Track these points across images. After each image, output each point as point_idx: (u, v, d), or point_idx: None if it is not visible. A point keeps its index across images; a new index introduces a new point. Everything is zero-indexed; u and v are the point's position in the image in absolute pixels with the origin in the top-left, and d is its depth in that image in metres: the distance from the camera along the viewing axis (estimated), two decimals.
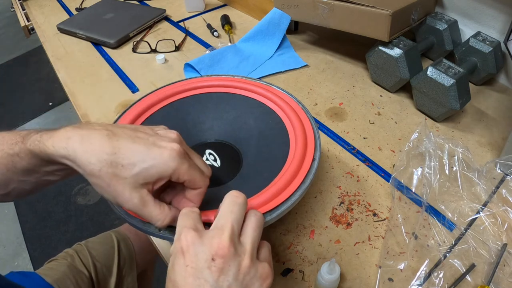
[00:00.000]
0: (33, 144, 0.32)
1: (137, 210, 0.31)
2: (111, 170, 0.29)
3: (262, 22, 0.78)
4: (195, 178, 0.33)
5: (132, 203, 0.30)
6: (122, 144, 0.30)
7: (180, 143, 0.33)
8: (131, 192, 0.30)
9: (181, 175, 0.31)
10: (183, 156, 0.32)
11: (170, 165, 0.31)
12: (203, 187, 0.34)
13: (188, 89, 0.55)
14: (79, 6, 1.08)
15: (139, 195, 0.30)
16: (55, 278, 0.60)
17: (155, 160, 0.30)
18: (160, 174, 0.31)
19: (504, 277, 0.40)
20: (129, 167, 0.30)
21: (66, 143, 0.30)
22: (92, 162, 0.29)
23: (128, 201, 0.30)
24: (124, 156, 0.30)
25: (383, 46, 0.65)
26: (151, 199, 0.31)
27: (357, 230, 0.46)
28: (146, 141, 0.31)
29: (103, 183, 0.30)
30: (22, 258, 1.37)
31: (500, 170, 0.52)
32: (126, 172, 0.30)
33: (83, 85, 0.75)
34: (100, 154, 0.29)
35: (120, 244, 0.72)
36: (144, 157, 0.30)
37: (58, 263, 0.64)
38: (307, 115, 0.49)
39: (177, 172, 0.31)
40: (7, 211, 1.55)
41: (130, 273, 0.71)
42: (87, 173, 0.30)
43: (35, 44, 2.59)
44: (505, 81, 0.70)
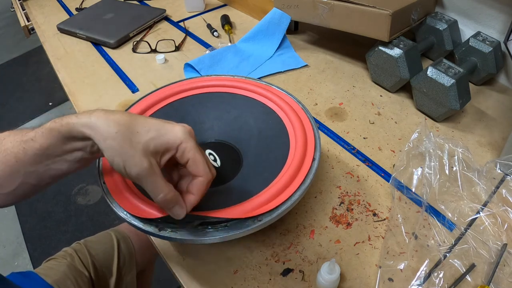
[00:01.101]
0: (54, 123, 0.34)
1: (144, 175, 0.32)
2: (127, 133, 0.32)
3: (262, 22, 0.78)
4: (199, 160, 0.34)
5: (142, 166, 0.32)
6: (139, 118, 0.34)
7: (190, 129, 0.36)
8: (141, 157, 0.32)
9: (186, 151, 0.34)
10: (192, 136, 0.35)
11: (178, 136, 0.34)
12: (204, 176, 0.35)
13: (188, 89, 0.55)
14: (79, 6, 1.08)
15: (149, 161, 0.32)
16: (55, 278, 0.60)
17: (166, 131, 0.34)
18: (168, 144, 0.33)
19: (504, 277, 0.40)
20: (143, 134, 0.33)
21: (90, 114, 0.33)
22: (111, 126, 0.32)
23: (137, 164, 0.32)
24: (139, 124, 0.33)
25: (383, 46, 0.65)
26: (158, 170, 0.33)
27: (357, 230, 0.46)
28: (160, 120, 0.35)
29: (117, 145, 0.32)
30: (22, 258, 1.37)
31: (500, 170, 0.52)
32: (139, 138, 0.32)
33: (83, 85, 0.75)
34: (119, 120, 0.33)
35: (120, 243, 0.71)
36: (158, 128, 0.33)
37: (58, 263, 0.64)
38: (307, 115, 0.49)
39: (183, 145, 0.34)
40: (7, 211, 1.55)
41: (129, 272, 0.71)
42: (104, 137, 0.32)
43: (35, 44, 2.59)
44: (505, 81, 0.70)
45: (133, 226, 0.38)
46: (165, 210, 0.35)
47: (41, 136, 0.34)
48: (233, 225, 0.37)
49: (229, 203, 0.40)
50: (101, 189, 0.41)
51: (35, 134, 0.34)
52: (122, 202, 0.39)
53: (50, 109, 2.09)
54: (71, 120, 0.33)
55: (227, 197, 0.43)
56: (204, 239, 0.36)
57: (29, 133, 0.35)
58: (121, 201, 0.39)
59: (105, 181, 0.42)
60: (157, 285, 1.21)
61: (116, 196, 0.40)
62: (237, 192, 0.43)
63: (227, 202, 0.40)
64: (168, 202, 0.34)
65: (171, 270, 0.44)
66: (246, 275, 0.42)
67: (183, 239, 0.36)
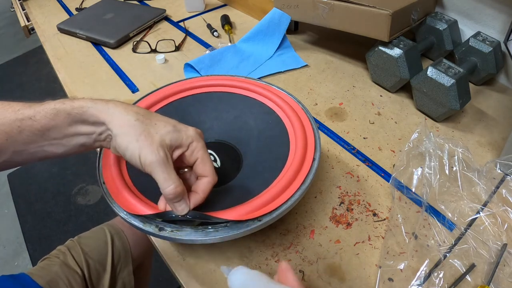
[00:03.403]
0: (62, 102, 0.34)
1: (159, 164, 0.33)
2: (146, 124, 0.34)
3: (262, 22, 0.78)
4: (207, 160, 0.37)
5: (158, 155, 0.33)
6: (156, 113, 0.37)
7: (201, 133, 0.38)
8: (158, 147, 0.33)
9: (196, 150, 0.36)
10: (202, 137, 0.38)
11: (191, 134, 0.36)
12: (211, 176, 0.37)
13: (188, 89, 0.55)
14: (79, 6, 1.08)
15: (165, 151, 0.34)
16: (47, 279, 0.58)
17: (181, 129, 0.36)
18: (182, 140, 0.35)
19: (504, 277, 0.40)
20: (161, 126, 0.34)
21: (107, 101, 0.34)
22: (130, 114, 0.34)
23: (154, 152, 0.33)
24: (157, 119, 0.35)
25: (383, 46, 0.65)
26: (171, 163, 0.34)
27: (357, 230, 0.46)
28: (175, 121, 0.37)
29: (135, 132, 0.33)
30: (22, 258, 1.37)
31: (500, 170, 0.52)
32: (158, 129, 0.34)
33: (83, 85, 0.75)
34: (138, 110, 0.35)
35: (114, 238, 0.70)
36: (174, 124, 0.36)
37: (50, 262, 0.63)
38: (307, 115, 0.49)
39: (194, 144, 0.36)
40: (7, 211, 1.55)
41: (125, 267, 0.69)
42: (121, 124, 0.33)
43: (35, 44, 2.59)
44: (505, 81, 0.70)
45: (133, 226, 0.38)
46: (170, 204, 0.36)
47: (44, 117, 0.33)
48: (233, 225, 0.37)
49: (229, 203, 0.40)
50: (101, 189, 0.41)
51: (35, 113, 0.33)
52: (122, 202, 0.39)
53: None
54: (85, 103, 0.33)
55: (228, 198, 0.43)
56: (204, 239, 0.36)
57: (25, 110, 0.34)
58: (121, 201, 0.39)
59: (105, 181, 0.42)
60: (157, 285, 1.21)
61: (116, 196, 0.40)
62: (238, 193, 0.43)
63: (228, 202, 0.40)
64: (176, 195, 0.34)
65: (171, 270, 0.44)
66: None
67: (183, 239, 0.36)
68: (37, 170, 1.69)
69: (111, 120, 0.33)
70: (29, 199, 1.58)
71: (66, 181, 1.61)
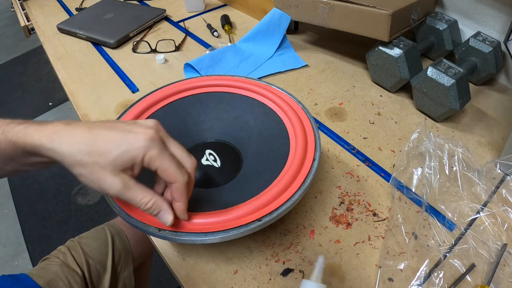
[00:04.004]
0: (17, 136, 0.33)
1: (120, 194, 0.32)
2: (92, 159, 0.31)
3: (262, 22, 0.78)
4: (167, 168, 0.33)
5: (115, 188, 0.32)
6: (100, 133, 0.32)
7: (157, 130, 0.34)
8: (112, 178, 0.31)
9: (151, 162, 0.32)
10: (156, 141, 0.33)
11: (141, 147, 0.32)
12: (179, 181, 0.33)
13: (188, 89, 0.55)
14: (79, 6, 1.08)
15: (121, 179, 0.32)
16: (46, 279, 0.58)
17: (129, 145, 0.32)
18: (133, 158, 0.32)
19: (504, 277, 0.40)
20: (107, 154, 0.31)
21: (52, 137, 0.32)
22: (74, 153, 0.31)
23: (111, 186, 0.32)
24: (101, 144, 0.32)
25: (383, 46, 0.65)
26: (134, 184, 0.33)
27: (357, 230, 0.46)
28: (123, 129, 0.33)
29: (86, 172, 0.31)
30: (22, 258, 1.37)
31: (500, 170, 0.52)
32: (104, 159, 0.31)
33: (83, 85, 0.75)
34: (80, 145, 0.31)
35: (114, 239, 0.70)
36: (119, 143, 0.32)
37: (50, 263, 0.63)
38: (307, 115, 0.49)
39: (147, 156, 0.32)
40: (7, 211, 1.55)
41: (126, 267, 0.69)
42: (71, 164, 0.32)
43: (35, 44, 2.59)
44: (505, 81, 0.70)
45: (133, 226, 0.38)
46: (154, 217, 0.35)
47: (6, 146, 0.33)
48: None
49: (229, 203, 0.40)
50: None
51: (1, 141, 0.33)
52: (122, 202, 0.39)
53: (50, 109, 2.10)
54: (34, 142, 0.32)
55: (228, 198, 0.43)
56: (204, 239, 0.36)
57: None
58: (121, 201, 0.40)
59: None
60: (157, 285, 1.21)
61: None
62: (238, 193, 0.43)
63: (228, 202, 0.40)
64: (151, 210, 0.34)
65: (171, 270, 0.44)
66: (246, 275, 0.42)
67: (183, 239, 0.36)
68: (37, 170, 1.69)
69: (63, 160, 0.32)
70: (29, 199, 1.58)
71: (66, 181, 1.61)
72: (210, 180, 0.49)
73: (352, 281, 0.41)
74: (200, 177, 0.49)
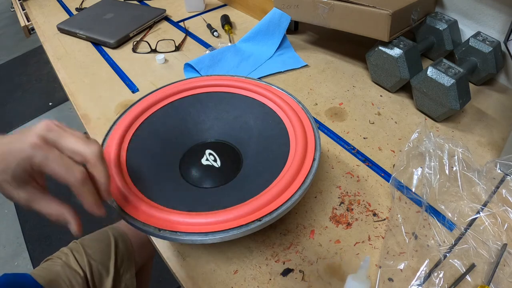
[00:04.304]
0: None
1: (28, 207, 0.32)
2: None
3: (262, 22, 0.78)
4: (57, 172, 0.31)
5: (22, 202, 0.32)
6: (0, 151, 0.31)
7: (39, 134, 0.32)
8: (18, 192, 0.31)
9: (41, 168, 0.31)
10: (37, 147, 0.31)
11: (26, 159, 0.31)
12: (71, 182, 0.31)
13: (188, 89, 0.55)
14: (79, 6, 1.08)
15: (25, 193, 0.32)
16: (48, 279, 0.59)
17: (14, 157, 0.31)
18: (24, 170, 0.31)
19: (504, 277, 0.40)
20: (7, 171, 0.31)
21: None
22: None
23: (19, 200, 0.32)
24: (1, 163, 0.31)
25: (383, 46, 0.65)
26: (39, 196, 0.32)
27: (357, 230, 0.46)
28: (11, 141, 0.32)
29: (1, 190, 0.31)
30: (22, 258, 1.37)
31: (500, 170, 0.52)
32: (6, 176, 0.31)
33: (83, 85, 0.75)
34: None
35: (118, 242, 0.70)
36: (6, 157, 0.31)
37: (52, 263, 0.63)
38: (307, 115, 0.49)
39: (35, 165, 0.31)
40: (7, 211, 1.55)
41: (128, 270, 0.70)
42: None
43: (35, 44, 2.59)
44: (505, 81, 0.70)
45: (133, 226, 0.38)
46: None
47: None
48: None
49: (229, 203, 0.40)
50: None
51: None
52: (122, 202, 0.39)
53: (50, 109, 2.10)
54: None
55: (228, 198, 0.43)
56: (204, 239, 0.36)
57: None
58: (121, 202, 0.40)
59: None
60: (157, 285, 1.21)
61: (116, 196, 0.40)
62: (238, 193, 0.43)
63: (228, 202, 0.40)
64: (60, 221, 0.33)
65: (171, 270, 0.44)
66: (246, 275, 0.42)
67: (183, 239, 0.36)
68: None
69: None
70: None
71: None
72: (210, 180, 0.49)
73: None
74: (200, 177, 0.49)
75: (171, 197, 0.43)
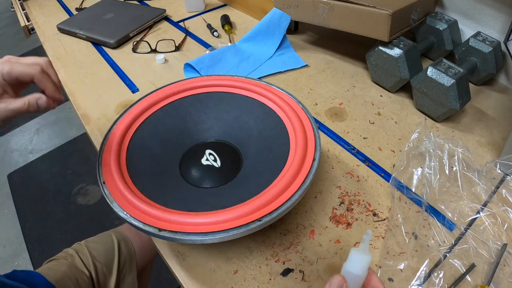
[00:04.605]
0: None
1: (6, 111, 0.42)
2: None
3: (262, 22, 0.78)
4: (21, 71, 0.42)
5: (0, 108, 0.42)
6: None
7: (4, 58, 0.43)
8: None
9: (10, 73, 0.42)
10: (4, 62, 0.43)
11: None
12: (34, 74, 0.43)
13: (188, 89, 0.55)
14: (79, 6, 1.08)
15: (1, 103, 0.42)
16: (55, 278, 0.60)
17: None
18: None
19: (504, 277, 0.40)
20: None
21: None
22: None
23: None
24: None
25: (383, 46, 0.65)
26: (11, 100, 0.43)
27: (357, 230, 0.46)
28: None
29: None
30: (22, 258, 1.37)
31: (500, 170, 0.52)
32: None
33: (83, 85, 0.75)
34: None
35: (121, 245, 0.72)
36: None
37: (58, 263, 0.64)
38: (307, 115, 0.49)
39: (4, 74, 0.42)
40: (7, 211, 1.55)
41: (129, 273, 0.71)
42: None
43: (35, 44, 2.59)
44: (505, 81, 0.70)
45: (133, 226, 0.38)
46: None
47: None
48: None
49: (229, 203, 0.40)
50: (101, 189, 0.41)
51: None
52: (122, 202, 0.40)
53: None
54: None
55: (228, 198, 0.43)
56: (204, 239, 0.36)
57: None
58: (121, 201, 0.40)
59: (105, 181, 0.42)
60: (157, 285, 1.21)
61: (116, 196, 0.40)
62: (238, 193, 0.43)
63: (228, 202, 0.40)
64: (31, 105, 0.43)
65: (171, 270, 0.44)
66: (246, 275, 0.42)
67: (183, 239, 0.36)
68: (37, 170, 1.69)
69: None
70: (29, 199, 1.58)
71: (66, 181, 1.61)
72: (210, 180, 0.49)
73: None
74: (200, 177, 0.49)
75: (171, 197, 0.43)
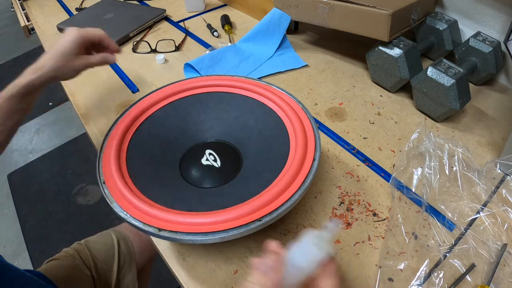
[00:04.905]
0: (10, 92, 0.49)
1: (82, 66, 0.53)
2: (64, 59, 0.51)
3: (262, 22, 0.78)
4: (94, 33, 0.55)
5: (82, 65, 0.53)
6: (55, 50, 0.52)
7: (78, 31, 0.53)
8: (77, 61, 0.52)
9: (86, 34, 0.53)
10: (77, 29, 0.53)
11: (75, 37, 0.52)
12: (103, 34, 0.56)
13: (188, 89, 0.55)
14: (79, 6, 1.08)
15: (81, 59, 0.53)
16: (57, 276, 0.60)
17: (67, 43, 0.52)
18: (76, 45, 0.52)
19: (504, 277, 0.40)
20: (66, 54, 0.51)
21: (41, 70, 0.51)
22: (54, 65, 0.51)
23: (79, 65, 0.52)
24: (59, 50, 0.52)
25: (383, 46, 0.65)
26: (86, 56, 0.54)
27: (357, 230, 0.46)
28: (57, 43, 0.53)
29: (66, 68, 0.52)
30: (22, 258, 1.37)
31: (500, 170, 0.52)
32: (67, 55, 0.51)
33: (83, 85, 0.75)
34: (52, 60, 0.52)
35: (120, 244, 0.71)
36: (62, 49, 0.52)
37: (59, 263, 0.64)
38: (307, 115, 0.49)
39: (81, 36, 0.52)
40: (7, 211, 1.55)
41: (129, 272, 0.71)
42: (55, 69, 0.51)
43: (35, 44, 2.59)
44: (505, 81, 0.70)
45: (133, 226, 0.38)
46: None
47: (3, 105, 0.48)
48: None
49: (229, 203, 0.40)
50: (101, 189, 0.41)
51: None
52: (122, 202, 0.40)
53: (50, 109, 2.09)
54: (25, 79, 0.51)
55: (228, 198, 0.43)
56: (204, 239, 0.36)
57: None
58: (121, 201, 0.40)
59: (105, 181, 0.42)
60: (157, 285, 1.21)
61: (116, 196, 0.40)
62: (238, 193, 0.43)
63: (228, 202, 0.40)
64: (103, 59, 0.56)
65: (171, 270, 0.44)
66: (246, 275, 0.42)
67: (183, 239, 0.36)
68: (37, 170, 1.69)
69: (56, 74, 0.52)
70: (29, 199, 1.58)
71: (66, 181, 1.61)
72: (210, 180, 0.49)
73: (352, 281, 0.41)
74: (200, 177, 0.49)
75: (171, 197, 0.43)
